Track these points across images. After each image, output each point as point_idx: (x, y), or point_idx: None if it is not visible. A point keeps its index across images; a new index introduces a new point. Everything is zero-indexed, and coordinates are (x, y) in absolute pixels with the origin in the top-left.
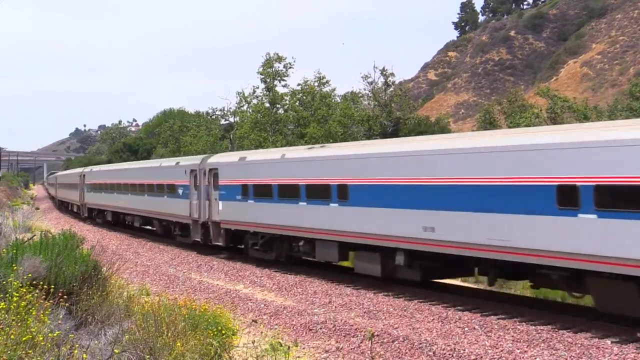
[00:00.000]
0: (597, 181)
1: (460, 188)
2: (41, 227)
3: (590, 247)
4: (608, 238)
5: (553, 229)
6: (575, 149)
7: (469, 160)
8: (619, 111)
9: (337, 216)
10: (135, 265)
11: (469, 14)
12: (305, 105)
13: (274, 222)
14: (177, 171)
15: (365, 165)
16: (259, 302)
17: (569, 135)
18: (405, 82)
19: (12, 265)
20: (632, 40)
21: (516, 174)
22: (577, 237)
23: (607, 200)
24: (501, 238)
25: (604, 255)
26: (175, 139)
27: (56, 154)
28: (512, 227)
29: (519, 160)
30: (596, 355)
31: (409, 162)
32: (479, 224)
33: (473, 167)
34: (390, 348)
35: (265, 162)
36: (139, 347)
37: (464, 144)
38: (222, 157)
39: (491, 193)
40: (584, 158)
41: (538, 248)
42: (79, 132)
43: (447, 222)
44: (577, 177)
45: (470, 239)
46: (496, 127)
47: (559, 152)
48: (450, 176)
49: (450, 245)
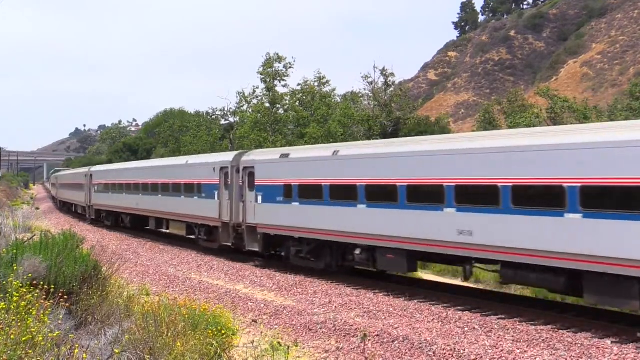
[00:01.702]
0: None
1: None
2: (41, 227)
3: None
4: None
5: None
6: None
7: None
8: (619, 111)
9: (407, 221)
10: (135, 265)
11: (469, 14)
12: (305, 105)
13: (324, 227)
14: (205, 169)
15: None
16: (259, 302)
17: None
18: (405, 82)
19: (12, 265)
20: (632, 40)
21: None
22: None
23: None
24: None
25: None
26: (175, 139)
27: (56, 154)
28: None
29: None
30: (596, 355)
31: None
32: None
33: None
34: (390, 348)
35: (314, 159)
36: (139, 347)
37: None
38: (260, 154)
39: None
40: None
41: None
42: (79, 132)
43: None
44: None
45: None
46: (496, 127)
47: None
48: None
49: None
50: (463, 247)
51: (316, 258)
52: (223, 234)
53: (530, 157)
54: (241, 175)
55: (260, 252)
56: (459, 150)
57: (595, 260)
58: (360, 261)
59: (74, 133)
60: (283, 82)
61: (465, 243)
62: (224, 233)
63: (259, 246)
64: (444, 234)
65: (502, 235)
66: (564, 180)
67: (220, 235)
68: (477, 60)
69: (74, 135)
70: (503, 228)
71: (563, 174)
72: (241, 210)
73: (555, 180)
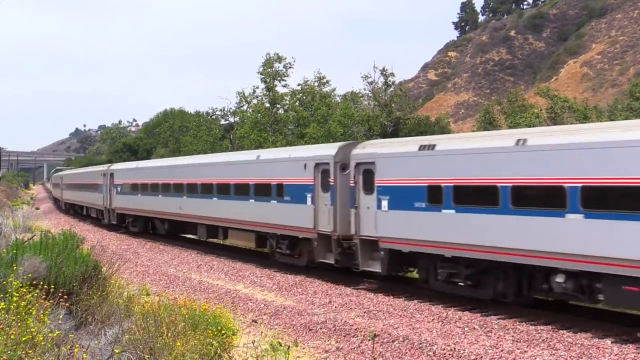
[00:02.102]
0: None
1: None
2: (41, 227)
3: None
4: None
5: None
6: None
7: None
8: (619, 111)
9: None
10: (135, 265)
11: (469, 14)
12: (305, 105)
13: (501, 244)
14: (289, 166)
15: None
16: (259, 302)
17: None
18: (405, 82)
19: (12, 265)
20: (632, 40)
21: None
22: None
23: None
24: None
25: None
26: (175, 139)
27: (56, 154)
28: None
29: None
30: (596, 355)
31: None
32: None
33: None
34: (390, 348)
35: (482, 151)
36: (139, 347)
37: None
38: (381, 146)
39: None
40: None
41: None
42: (79, 132)
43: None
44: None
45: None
46: (498, 128)
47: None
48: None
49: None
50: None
51: (478, 284)
52: (319, 249)
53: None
54: (352, 174)
55: (384, 273)
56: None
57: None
58: (562, 291)
59: (74, 133)
60: (283, 82)
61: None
62: (321, 247)
63: (382, 265)
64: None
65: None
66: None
67: (315, 249)
68: (477, 60)
69: (74, 135)
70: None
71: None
72: (352, 218)
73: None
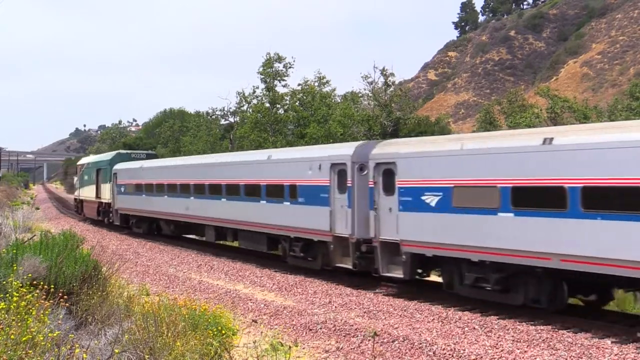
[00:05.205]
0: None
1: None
2: (41, 227)
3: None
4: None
5: None
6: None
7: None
8: (619, 111)
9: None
10: (135, 265)
11: (469, 14)
12: (305, 105)
13: (557, 250)
14: (303, 166)
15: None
16: (259, 302)
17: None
18: (405, 82)
19: (12, 265)
20: (632, 40)
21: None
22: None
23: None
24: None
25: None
26: (175, 139)
27: (56, 154)
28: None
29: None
30: (596, 355)
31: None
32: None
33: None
34: (390, 348)
35: (518, 150)
36: (139, 347)
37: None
38: (404, 145)
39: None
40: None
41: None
42: (79, 132)
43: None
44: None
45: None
46: (496, 128)
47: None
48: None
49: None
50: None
51: (508, 289)
52: (335, 252)
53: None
54: (371, 174)
55: (406, 277)
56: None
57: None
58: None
59: (74, 133)
60: (283, 82)
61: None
62: (337, 251)
63: (404, 270)
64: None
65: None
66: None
67: (332, 253)
68: (477, 60)
69: (74, 135)
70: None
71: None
72: (372, 220)
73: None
